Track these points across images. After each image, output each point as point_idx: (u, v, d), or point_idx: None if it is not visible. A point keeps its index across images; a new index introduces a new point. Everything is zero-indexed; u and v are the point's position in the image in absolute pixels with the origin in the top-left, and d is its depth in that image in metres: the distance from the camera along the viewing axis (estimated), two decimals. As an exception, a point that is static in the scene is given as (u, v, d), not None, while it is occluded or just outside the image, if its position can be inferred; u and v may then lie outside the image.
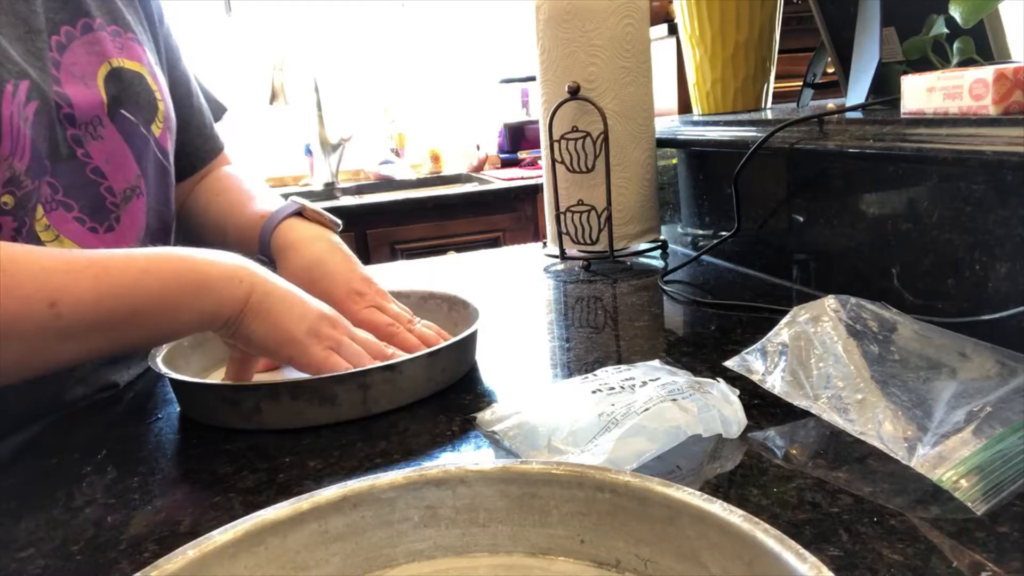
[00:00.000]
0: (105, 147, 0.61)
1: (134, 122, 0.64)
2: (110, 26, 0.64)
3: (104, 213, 0.62)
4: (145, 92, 0.65)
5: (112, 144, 0.62)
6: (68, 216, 0.59)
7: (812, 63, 0.96)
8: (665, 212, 1.05)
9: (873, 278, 0.67)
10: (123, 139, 0.63)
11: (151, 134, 0.66)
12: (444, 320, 0.69)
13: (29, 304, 0.45)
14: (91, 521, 0.42)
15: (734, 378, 0.52)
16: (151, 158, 0.66)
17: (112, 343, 0.50)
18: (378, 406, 0.54)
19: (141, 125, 0.64)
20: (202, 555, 0.29)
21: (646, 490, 0.31)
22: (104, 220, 0.62)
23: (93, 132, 0.60)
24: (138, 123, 0.64)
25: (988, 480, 0.38)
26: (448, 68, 2.81)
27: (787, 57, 1.15)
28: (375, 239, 2.18)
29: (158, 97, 0.67)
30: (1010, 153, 0.49)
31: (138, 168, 0.64)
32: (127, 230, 0.64)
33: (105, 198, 0.62)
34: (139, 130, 0.64)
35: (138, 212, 0.65)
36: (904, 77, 0.62)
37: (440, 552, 0.34)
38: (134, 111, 0.64)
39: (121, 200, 0.63)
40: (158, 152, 0.67)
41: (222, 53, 2.60)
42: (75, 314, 0.46)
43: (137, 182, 0.64)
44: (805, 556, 0.26)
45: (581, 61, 0.89)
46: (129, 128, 0.63)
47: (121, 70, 0.63)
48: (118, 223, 0.63)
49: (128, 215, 0.64)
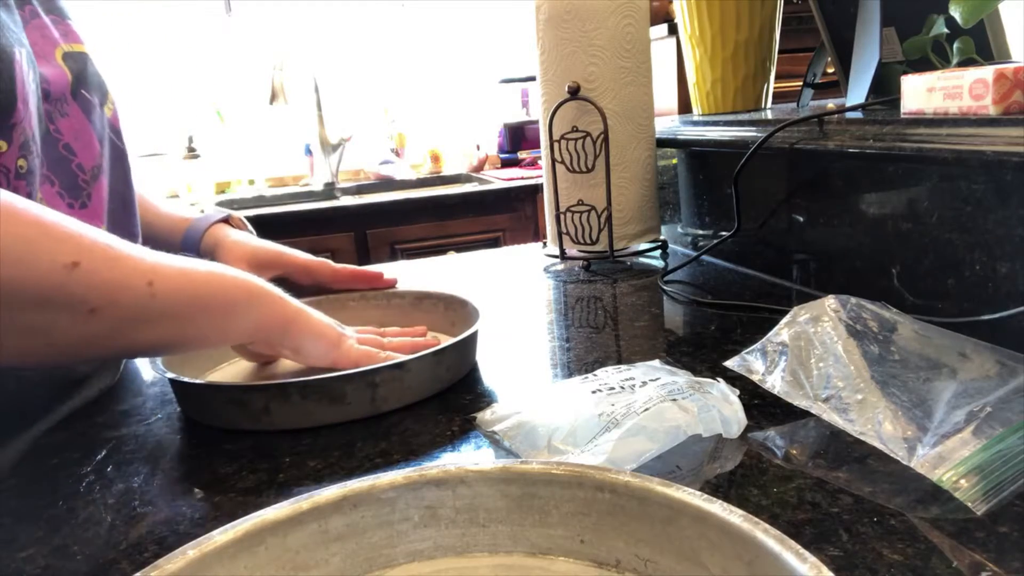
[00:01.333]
0: (72, 124, 0.61)
1: (92, 102, 0.63)
2: (49, 15, 0.63)
3: (78, 190, 0.62)
4: (95, 74, 0.65)
5: (77, 122, 0.62)
6: (52, 191, 0.59)
7: (812, 63, 0.96)
8: (665, 212, 1.05)
9: (873, 278, 0.67)
10: (85, 118, 0.62)
11: (104, 115, 0.66)
12: (440, 320, 0.69)
13: (131, 278, 0.45)
14: (91, 521, 0.42)
15: (734, 378, 0.52)
16: (107, 139, 0.66)
17: (175, 338, 0.51)
18: (387, 404, 0.54)
19: (97, 106, 0.64)
20: (202, 555, 0.29)
21: (646, 490, 0.31)
22: (78, 197, 0.62)
23: (61, 110, 0.60)
24: (95, 103, 0.64)
25: (988, 480, 0.38)
26: (448, 68, 2.81)
27: (787, 57, 1.15)
28: (375, 239, 2.18)
29: (106, 80, 0.67)
30: (1010, 153, 0.49)
31: (99, 147, 0.64)
32: (97, 208, 0.64)
33: (77, 175, 0.62)
34: (96, 110, 0.64)
35: (103, 191, 0.65)
36: (904, 77, 0.62)
37: (440, 552, 0.34)
38: (90, 92, 0.64)
39: (90, 178, 0.63)
40: (112, 133, 0.68)
41: (222, 53, 2.60)
42: (166, 296, 0.47)
43: (100, 161, 0.64)
44: (805, 556, 0.26)
45: (581, 61, 0.89)
46: (88, 108, 0.63)
47: (73, 53, 0.63)
48: (90, 200, 0.63)
49: (96, 193, 0.64)
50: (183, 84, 2.57)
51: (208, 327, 0.52)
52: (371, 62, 2.73)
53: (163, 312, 0.48)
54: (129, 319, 0.47)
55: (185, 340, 0.52)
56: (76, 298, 0.44)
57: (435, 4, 2.75)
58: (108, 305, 0.45)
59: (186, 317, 0.50)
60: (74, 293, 0.43)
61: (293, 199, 2.49)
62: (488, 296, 0.88)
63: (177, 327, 0.49)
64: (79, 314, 0.44)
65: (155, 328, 0.48)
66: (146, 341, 0.49)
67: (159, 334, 0.49)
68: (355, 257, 2.17)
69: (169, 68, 2.56)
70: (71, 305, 0.44)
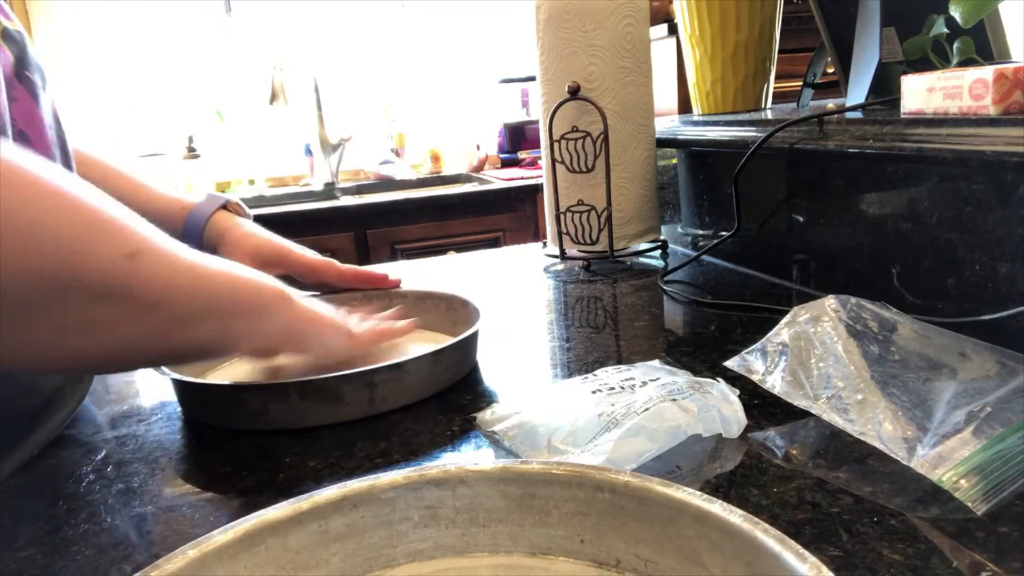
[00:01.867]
0: (22, 109, 0.58)
1: (36, 84, 0.60)
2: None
3: None
4: (34, 55, 0.62)
5: (26, 106, 0.59)
6: None
7: (812, 63, 0.96)
8: (665, 212, 1.05)
9: (873, 278, 0.67)
10: (34, 102, 0.59)
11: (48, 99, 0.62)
12: (442, 320, 0.69)
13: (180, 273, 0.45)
14: (91, 521, 0.42)
15: (734, 378, 0.52)
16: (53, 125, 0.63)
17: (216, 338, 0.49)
18: (385, 404, 0.54)
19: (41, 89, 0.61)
20: (202, 555, 0.29)
21: (646, 490, 0.31)
22: None
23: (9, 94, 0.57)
24: (39, 86, 0.61)
25: (988, 480, 0.38)
26: (448, 68, 2.81)
27: (787, 57, 1.15)
28: (375, 239, 2.18)
29: (40, 62, 0.63)
30: (1010, 153, 0.49)
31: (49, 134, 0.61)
32: None
33: None
34: (42, 93, 0.61)
35: None
36: (904, 77, 0.62)
37: (440, 552, 0.34)
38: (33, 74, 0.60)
39: None
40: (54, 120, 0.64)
41: (222, 53, 2.60)
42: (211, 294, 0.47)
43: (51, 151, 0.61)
44: (805, 556, 0.26)
45: (581, 61, 0.89)
46: (34, 91, 0.60)
47: (11, 32, 0.59)
48: None
49: None
50: (183, 84, 2.57)
51: (245, 327, 0.51)
52: (371, 62, 2.73)
53: (208, 311, 0.47)
54: (180, 316, 0.46)
55: (225, 341, 0.51)
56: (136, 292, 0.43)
57: (435, 4, 2.75)
58: (163, 300, 0.44)
59: (229, 316, 0.49)
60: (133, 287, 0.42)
61: (293, 199, 2.49)
62: (488, 296, 0.88)
63: (220, 327, 0.49)
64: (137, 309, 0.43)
65: (201, 327, 0.47)
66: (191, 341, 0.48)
67: (204, 333, 0.48)
68: (355, 257, 2.16)
69: (169, 68, 2.56)
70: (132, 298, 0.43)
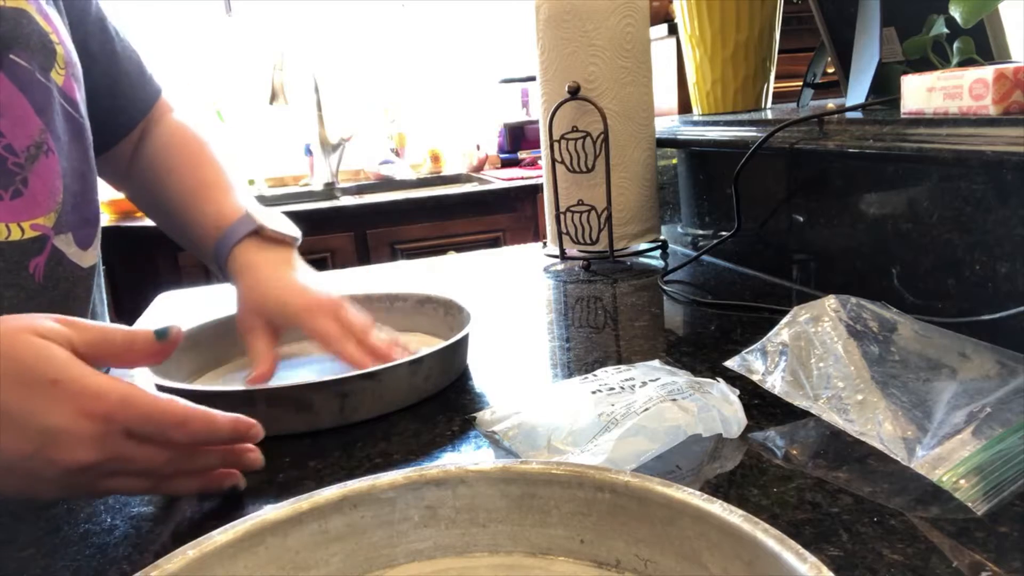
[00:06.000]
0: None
1: (28, 68, 0.55)
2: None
3: (7, 176, 0.54)
4: (36, 33, 0.55)
5: (5, 95, 0.53)
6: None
7: (812, 63, 0.96)
8: (665, 212, 1.05)
9: (873, 278, 0.67)
10: (18, 89, 0.54)
11: (52, 82, 0.57)
12: (440, 325, 0.69)
13: None
14: (91, 521, 0.42)
15: (734, 378, 0.52)
16: (57, 110, 0.57)
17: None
18: (357, 415, 0.53)
19: (37, 72, 0.55)
20: (202, 555, 0.29)
21: (646, 490, 0.31)
22: (9, 184, 0.54)
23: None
24: (33, 69, 0.55)
25: (988, 480, 0.38)
26: (448, 68, 2.81)
27: (787, 57, 1.14)
28: (375, 239, 2.18)
29: (54, 40, 0.57)
30: (1010, 153, 0.49)
31: (41, 122, 0.56)
32: (39, 195, 0.56)
33: (6, 158, 0.53)
34: (35, 77, 0.55)
35: (49, 173, 0.56)
36: (904, 77, 0.62)
37: (440, 552, 0.34)
38: (26, 56, 0.55)
39: (25, 160, 0.54)
40: (65, 103, 0.58)
41: (222, 53, 2.60)
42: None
43: (42, 138, 0.56)
44: (805, 556, 0.26)
45: (581, 61, 0.89)
46: (23, 75, 0.54)
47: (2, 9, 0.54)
48: (26, 187, 0.55)
49: (37, 177, 0.55)
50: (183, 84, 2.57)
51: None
52: (371, 62, 2.73)
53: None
54: None
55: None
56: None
57: (435, 4, 2.75)
58: None
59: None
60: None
61: (293, 199, 2.49)
62: (488, 296, 0.88)
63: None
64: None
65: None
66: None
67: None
68: (355, 257, 2.17)
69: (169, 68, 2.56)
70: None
